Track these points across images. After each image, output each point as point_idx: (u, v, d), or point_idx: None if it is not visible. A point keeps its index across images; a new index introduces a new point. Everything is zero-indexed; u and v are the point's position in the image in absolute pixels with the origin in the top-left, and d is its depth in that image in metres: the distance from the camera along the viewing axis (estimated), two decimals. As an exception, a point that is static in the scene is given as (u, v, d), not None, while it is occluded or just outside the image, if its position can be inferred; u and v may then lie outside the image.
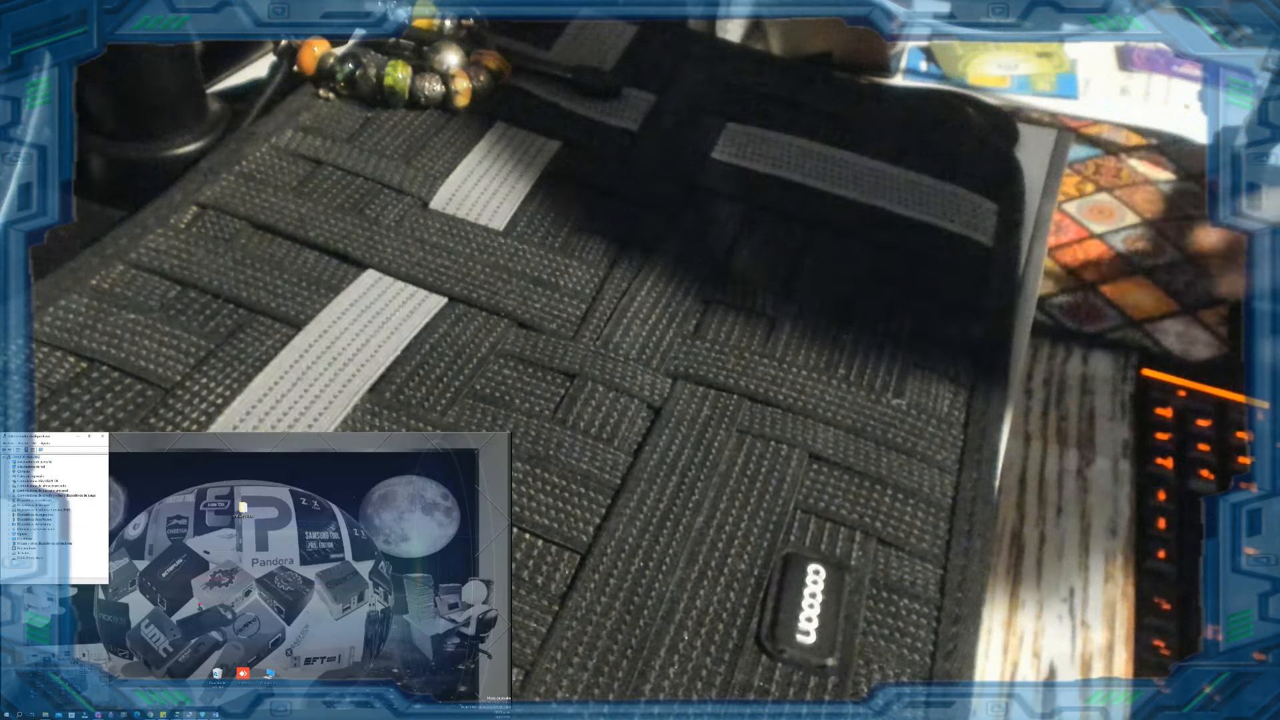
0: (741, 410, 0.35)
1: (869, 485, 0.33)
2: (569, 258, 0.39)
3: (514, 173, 0.42)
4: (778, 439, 0.34)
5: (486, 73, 0.45)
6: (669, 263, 0.40)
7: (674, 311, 0.38)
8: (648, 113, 0.47)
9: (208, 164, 0.40)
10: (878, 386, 0.37)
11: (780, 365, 0.36)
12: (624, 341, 0.36)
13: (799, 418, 0.35)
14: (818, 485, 0.33)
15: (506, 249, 0.39)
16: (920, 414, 0.36)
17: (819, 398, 0.35)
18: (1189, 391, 0.45)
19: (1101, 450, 0.43)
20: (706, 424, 0.34)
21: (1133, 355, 0.47)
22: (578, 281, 0.38)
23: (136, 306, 0.34)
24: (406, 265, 0.37)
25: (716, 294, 0.39)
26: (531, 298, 0.37)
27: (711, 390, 0.35)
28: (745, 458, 0.33)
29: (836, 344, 0.38)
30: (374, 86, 0.44)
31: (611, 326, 0.37)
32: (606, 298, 0.38)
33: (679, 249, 0.40)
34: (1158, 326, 0.49)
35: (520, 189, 0.42)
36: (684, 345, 0.36)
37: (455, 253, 0.38)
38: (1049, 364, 0.46)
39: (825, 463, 0.34)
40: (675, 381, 0.35)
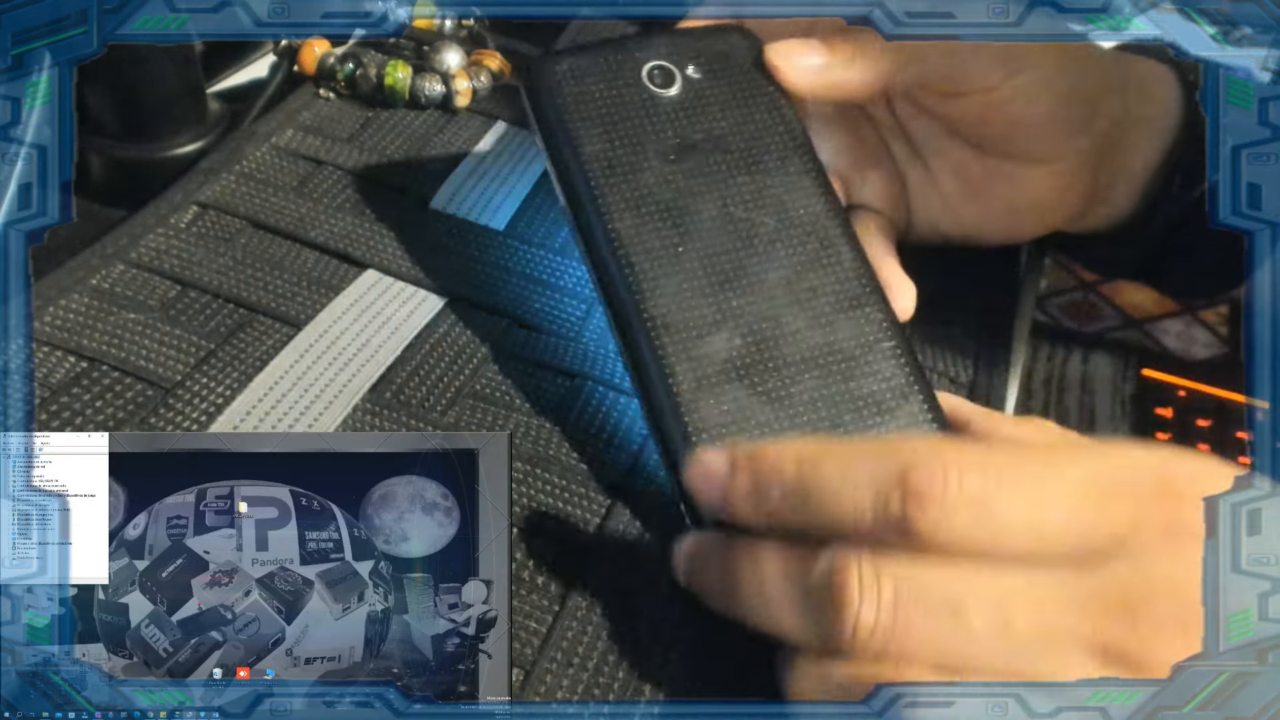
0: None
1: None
2: (569, 258, 0.39)
3: (514, 173, 0.42)
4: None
5: (487, 73, 0.45)
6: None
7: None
8: (648, 113, 0.47)
9: (208, 164, 0.40)
10: (878, 386, 0.37)
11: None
12: (624, 341, 0.36)
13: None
14: (818, 485, 0.33)
15: (506, 249, 0.39)
16: (920, 414, 0.36)
17: (819, 398, 0.35)
18: (1189, 391, 0.45)
19: (1101, 450, 0.43)
20: (706, 424, 0.34)
21: (1133, 355, 0.47)
22: (578, 281, 0.38)
23: (136, 306, 0.34)
24: (406, 265, 0.37)
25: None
26: (531, 298, 0.37)
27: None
28: (745, 458, 0.33)
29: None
30: (374, 86, 0.44)
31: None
32: (606, 298, 0.38)
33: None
34: (1158, 326, 0.49)
35: (520, 189, 0.42)
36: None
37: (455, 253, 0.38)
38: (1049, 364, 0.46)
39: (825, 463, 0.33)
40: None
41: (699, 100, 0.33)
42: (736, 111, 0.33)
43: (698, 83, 0.34)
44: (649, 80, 0.33)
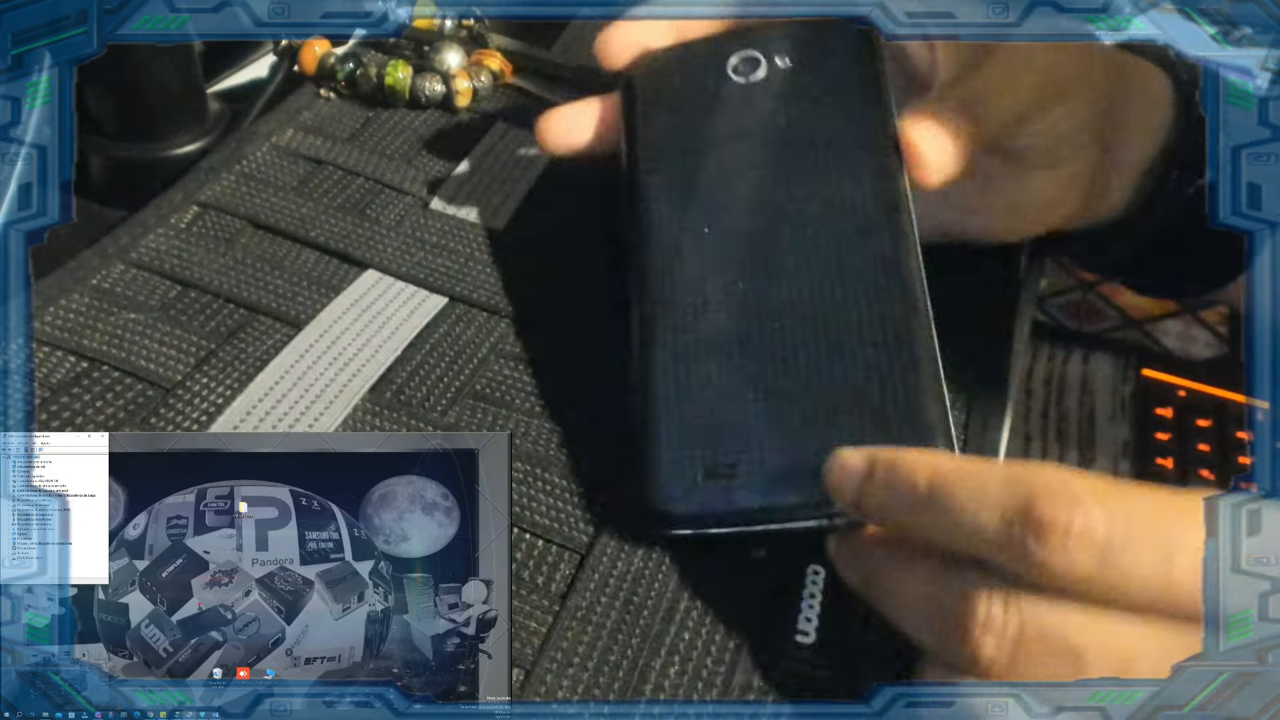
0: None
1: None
2: (569, 257, 0.39)
3: (514, 173, 0.42)
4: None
5: (487, 73, 0.45)
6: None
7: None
8: (648, 113, 0.47)
9: (208, 164, 0.40)
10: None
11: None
12: (624, 341, 0.36)
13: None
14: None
15: (506, 249, 0.39)
16: (920, 414, 0.36)
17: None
18: (1189, 391, 0.45)
19: (1101, 450, 0.43)
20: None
21: (1133, 355, 0.47)
22: (578, 281, 0.38)
23: (137, 306, 0.34)
24: (407, 265, 0.37)
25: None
26: (531, 298, 0.37)
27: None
28: (745, 458, 0.33)
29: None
30: (375, 86, 0.44)
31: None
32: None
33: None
34: (1158, 326, 0.49)
35: (520, 189, 0.42)
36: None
37: (455, 253, 0.38)
38: (1049, 364, 0.46)
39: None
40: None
41: (782, 88, 0.33)
42: (822, 101, 0.33)
43: (785, 71, 0.33)
44: (732, 69, 0.33)
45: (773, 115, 0.32)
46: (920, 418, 0.28)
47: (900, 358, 0.29)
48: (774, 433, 0.28)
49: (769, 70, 0.33)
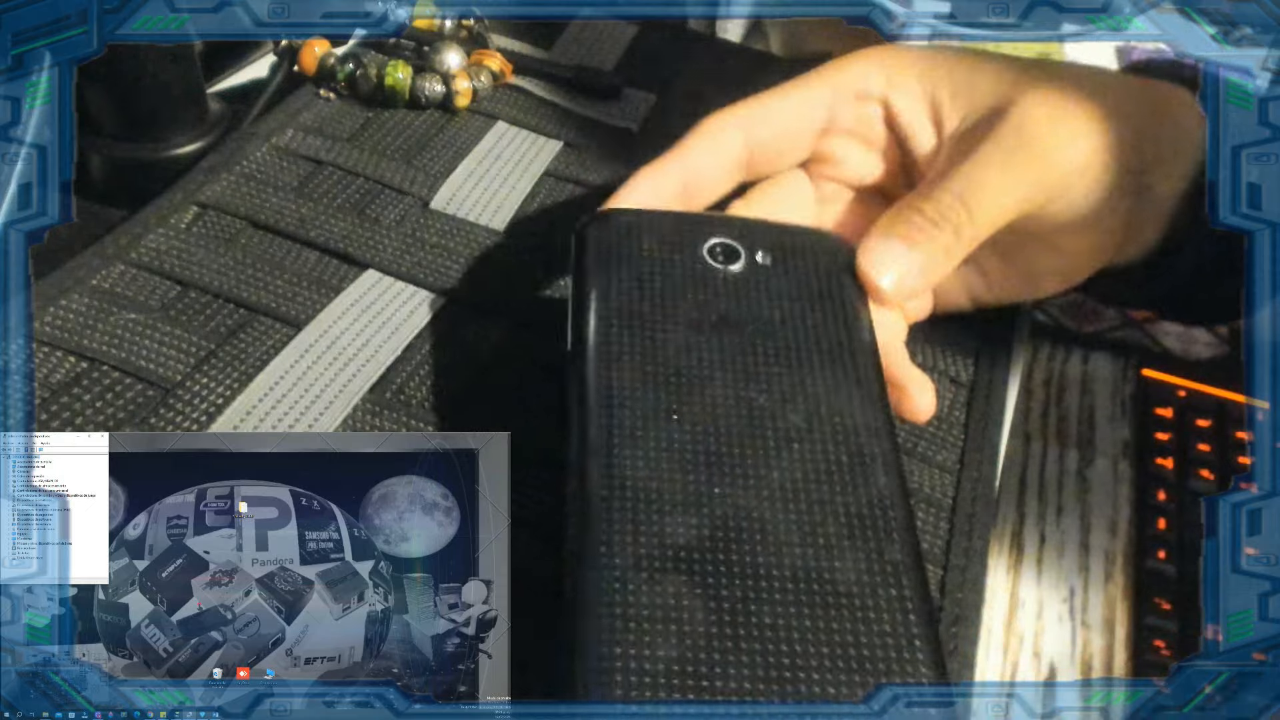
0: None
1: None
2: (569, 257, 0.39)
3: (514, 173, 0.42)
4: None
5: (487, 73, 0.45)
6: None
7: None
8: (647, 113, 0.47)
9: (208, 164, 0.40)
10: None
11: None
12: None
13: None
14: (818, 485, 0.33)
15: (506, 249, 0.39)
16: (920, 414, 0.36)
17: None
18: (1189, 391, 0.45)
19: (1101, 450, 0.43)
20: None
21: (1133, 355, 0.47)
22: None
23: (137, 306, 0.34)
24: (407, 265, 0.37)
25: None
26: (531, 298, 0.37)
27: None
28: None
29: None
30: (375, 86, 0.44)
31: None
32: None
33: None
34: (1158, 326, 0.49)
35: (520, 189, 0.42)
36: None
37: (455, 253, 0.38)
38: (1049, 364, 0.46)
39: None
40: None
41: (759, 285, 0.30)
42: (798, 303, 0.30)
43: (764, 268, 0.30)
44: (708, 253, 0.30)
45: (751, 311, 0.29)
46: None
47: (901, 643, 0.24)
48: (756, 691, 0.23)
49: (746, 263, 0.30)
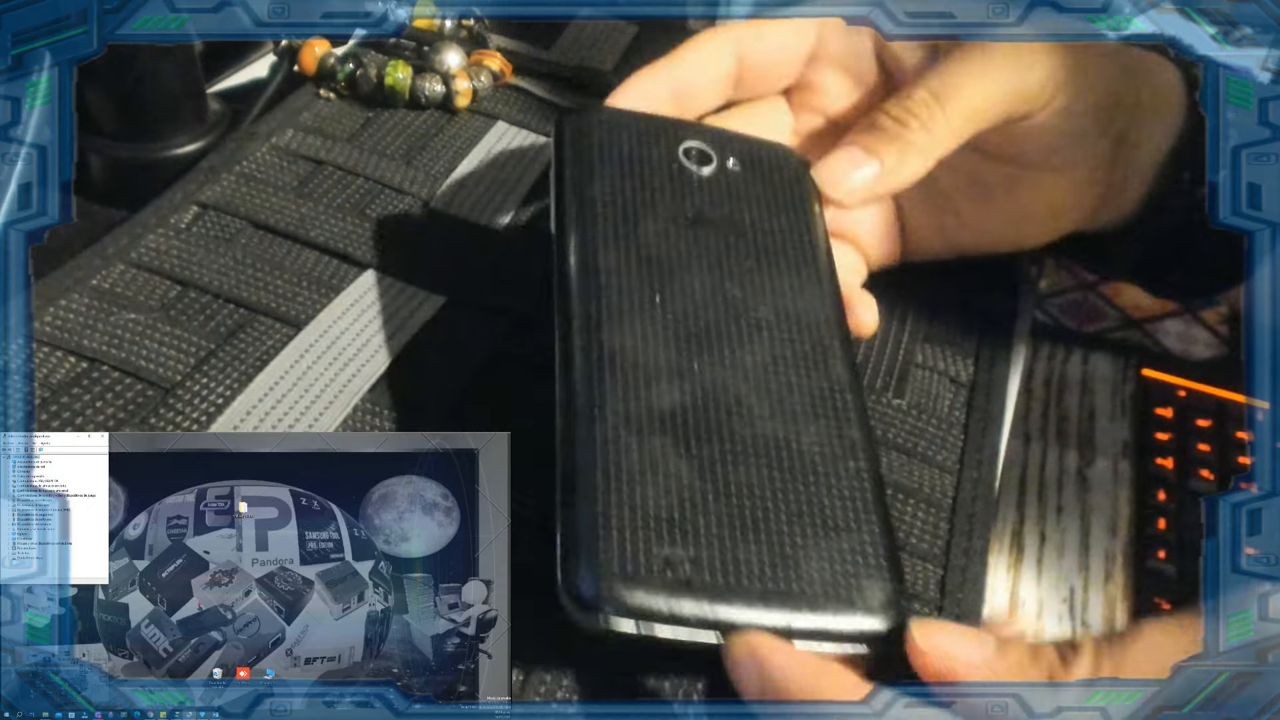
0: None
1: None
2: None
3: (514, 173, 0.42)
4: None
5: (487, 73, 0.45)
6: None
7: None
8: (648, 113, 0.47)
9: (208, 164, 0.40)
10: (878, 386, 0.37)
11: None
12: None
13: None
14: (818, 485, 0.33)
15: (506, 249, 0.39)
16: (920, 414, 0.36)
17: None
18: (1189, 391, 0.45)
19: (1101, 450, 0.43)
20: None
21: (1133, 355, 0.47)
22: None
23: (137, 306, 0.34)
24: (407, 265, 0.37)
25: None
26: (532, 297, 0.37)
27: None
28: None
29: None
30: (375, 86, 0.44)
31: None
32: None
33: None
34: (1158, 326, 0.49)
35: (520, 189, 0.42)
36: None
37: (455, 253, 0.38)
38: (1049, 364, 0.46)
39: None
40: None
41: (729, 188, 0.33)
42: (764, 209, 0.32)
43: (734, 174, 0.33)
44: (684, 155, 0.33)
45: (723, 210, 0.32)
46: (880, 597, 0.26)
47: (856, 506, 0.27)
48: (735, 538, 0.25)
49: (718, 168, 0.33)
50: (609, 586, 0.24)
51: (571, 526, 0.25)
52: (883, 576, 0.26)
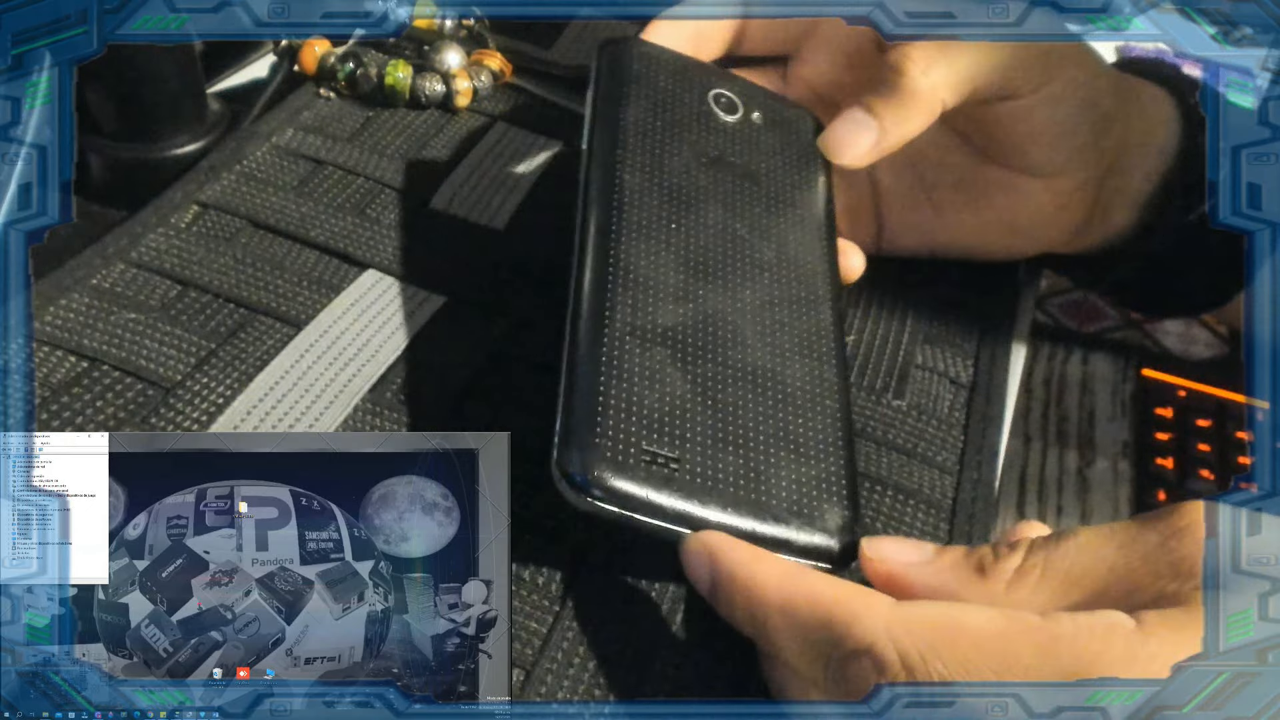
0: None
1: (869, 486, 0.33)
2: (569, 257, 0.39)
3: (514, 173, 0.42)
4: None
5: (487, 73, 0.45)
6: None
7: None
8: (648, 113, 0.47)
9: (208, 163, 0.40)
10: (878, 387, 0.37)
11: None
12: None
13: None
14: (818, 485, 0.33)
15: (506, 248, 0.39)
16: (920, 415, 0.36)
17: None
18: (1189, 391, 0.45)
19: (1101, 450, 0.43)
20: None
21: (1133, 355, 0.47)
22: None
23: (137, 306, 0.34)
24: (407, 265, 0.37)
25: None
26: (531, 298, 0.37)
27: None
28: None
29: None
30: (375, 86, 0.44)
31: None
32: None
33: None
34: (1158, 326, 0.49)
35: (520, 189, 0.42)
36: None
37: (455, 253, 0.38)
38: (1049, 364, 0.46)
39: (825, 463, 0.33)
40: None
41: (749, 137, 0.35)
42: (780, 162, 0.35)
43: (755, 125, 0.35)
44: (713, 100, 0.35)
45: (739, 156, 0.34)
46: (837, 522, 0.28)
47: (828, 439, 0.29)
48: (717, 447, 0.28)
49: (741, 118, 0.35)
50: (597, 471, 0.26)
51: (569, 414, 0.27)
52: (842, 504, 0.28)
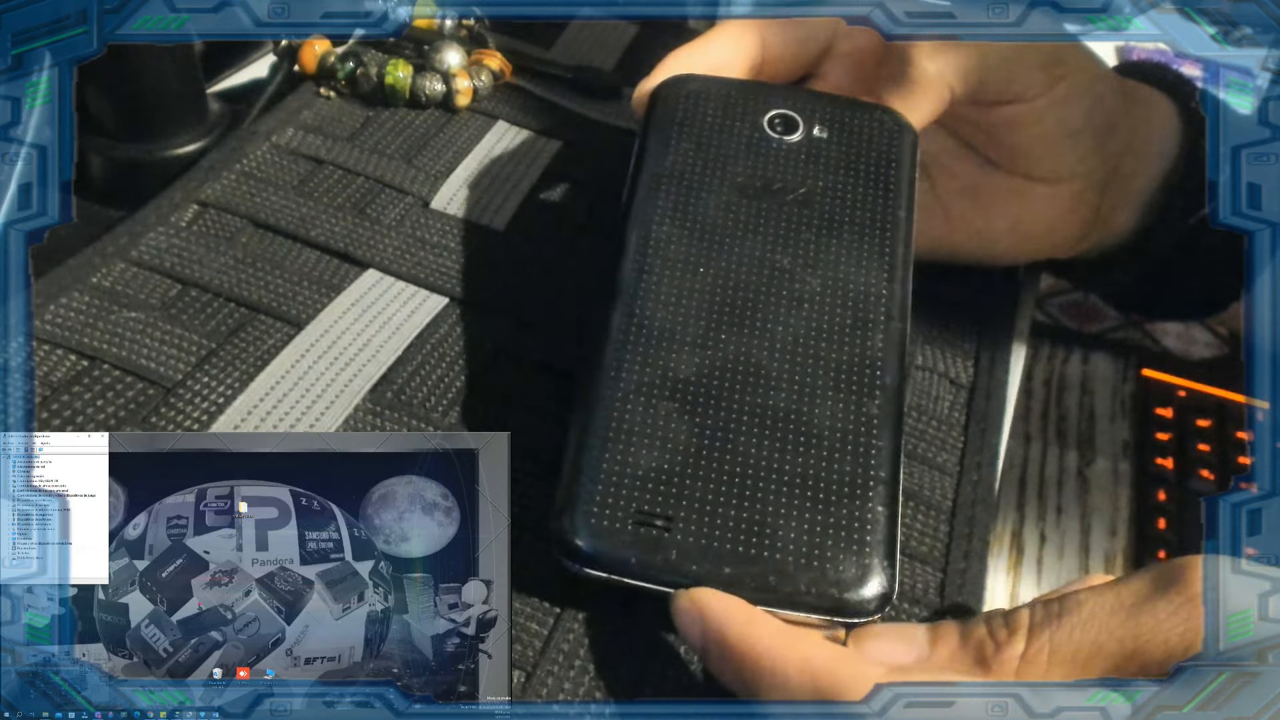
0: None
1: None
2: (569, 258, 0.39)
3: (514, 173, 0.42)
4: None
5: (487, 72, 0.45)
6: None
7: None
8: (648, 112, 0.47)
9: (208, 162, 0.40)
10: (878, 386, 0.37)
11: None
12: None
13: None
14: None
15: (506, 249, 0.39)
16: (920, 415, 0.36)
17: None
18: (1189, 391, 0.45)
19: (1101, 450, 0.43)
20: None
21: (1133, 355, 0.47)
22: (578, 281, 0.38)
23: (137, 305, 0.34)
24: (407, 265, 0.37)
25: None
26: (531, 298, 0.37)
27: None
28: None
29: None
30: (375, 86, 0.44)
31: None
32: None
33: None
34: (1158, 326, 0.49)
35: (520, 189, 0.42)
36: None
37: (456, 253, 0.38)
38: (1049, 364, 0.46)
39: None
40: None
41: (811, 155, 0.33)
42: (845, 176, 0.32)
43: (819, 140, 0.33)
44: (768, 124, 0.33)
45: (797, 181, 0.32)
46: (855, 571, 0.26)
47: (857, 480, 0.27)
48: (717, 502, 0.27)
49: (804, 135, 0.33)
50: (583, 538, 0.26)
51: (564, 478, 0.27)
52: (863, 552, 0.26)
